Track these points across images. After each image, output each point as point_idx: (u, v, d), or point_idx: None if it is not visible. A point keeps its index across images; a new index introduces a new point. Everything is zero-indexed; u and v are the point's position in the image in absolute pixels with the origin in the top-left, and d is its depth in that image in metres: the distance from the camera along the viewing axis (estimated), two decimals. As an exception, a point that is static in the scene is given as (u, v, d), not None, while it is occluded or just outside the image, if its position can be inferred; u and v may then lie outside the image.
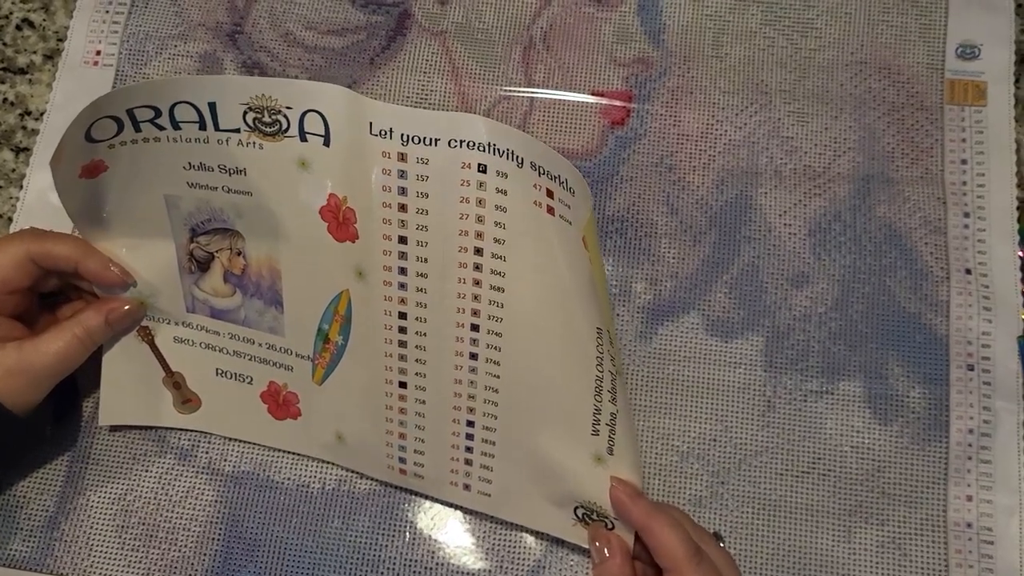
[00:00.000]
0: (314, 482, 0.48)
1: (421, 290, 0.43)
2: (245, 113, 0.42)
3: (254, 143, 0.43)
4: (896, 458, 0.47)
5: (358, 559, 0.47)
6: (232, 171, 0.44)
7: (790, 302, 0.50)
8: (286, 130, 0.42)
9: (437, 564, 0.47)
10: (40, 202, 0.53)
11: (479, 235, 0.41)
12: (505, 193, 0.40)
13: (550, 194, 0.40)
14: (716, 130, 0.53)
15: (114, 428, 0.50)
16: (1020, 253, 0.50)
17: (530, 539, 0.47)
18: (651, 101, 0.53)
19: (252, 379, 0.49)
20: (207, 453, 0.49)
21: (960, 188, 0.51)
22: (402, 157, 0.41)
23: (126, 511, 0.48)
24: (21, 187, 0.53)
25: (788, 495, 0.47)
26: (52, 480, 0.49)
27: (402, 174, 0.41)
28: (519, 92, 0.54)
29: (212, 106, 0.42)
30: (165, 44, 0.56)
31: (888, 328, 0.49)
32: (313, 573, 0.47)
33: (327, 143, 0.42)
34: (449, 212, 0.41)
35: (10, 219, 0.53)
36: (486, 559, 0.47)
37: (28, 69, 0.57)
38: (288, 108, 0.42)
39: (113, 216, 0.46)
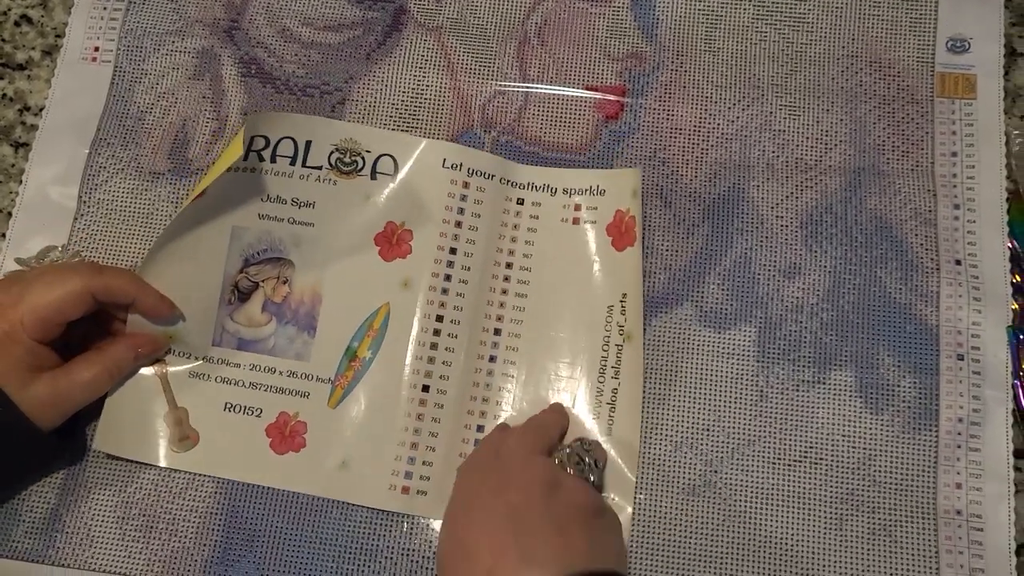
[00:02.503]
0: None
1: (460, 295, 0.50)
2: (331, 153, 0.51)
3: (331, 179, 0.51)
4: (887, 447, 0.48)
5: (356, 548, 0.48)
6: (303, 204, 0.50)
7: (782, 293, 0.50)
8: (360, 169, 0.51)
9: (435, 554, 0.47)
10: (39, 197, 0.54)
11: (511, 252, 0.51)
12: (537, 218, 0.51)
13: (577, 208, 0.51)
14: (709, 124, 0.53)
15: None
16: (1009, 244, 0.50)
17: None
18: (644, 95, 0.54)
19: (262, 411, 0.49)
20: (206, 445, 0.50)
21: (950, 180, 0.52)
22: (466, 185, 0.51)
23: (126, 503, 0.49)
24: (20, 182, 0.54)
25: (780, 483, 0.48)
26: (53, 473, 0.49)
27: (463, 198, 0.51)
28: (514, 87, 0.55)
29: (308, 144, 0.51)
30: (163, 40, 0.56)
31: (879, 318, 0.50)
32: (311, 563, 0.47)
33: (395, 180, 0.51)
34: (492, 231, 0.51)
35: (9, 213, 0.54)
36: (482, 548, 0.47)
37: (27, 65, 0.57)
38: (367, 151, 0.51)
39: (180, 240, 0.48)
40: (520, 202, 0.51)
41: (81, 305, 0.45)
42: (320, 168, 0.51)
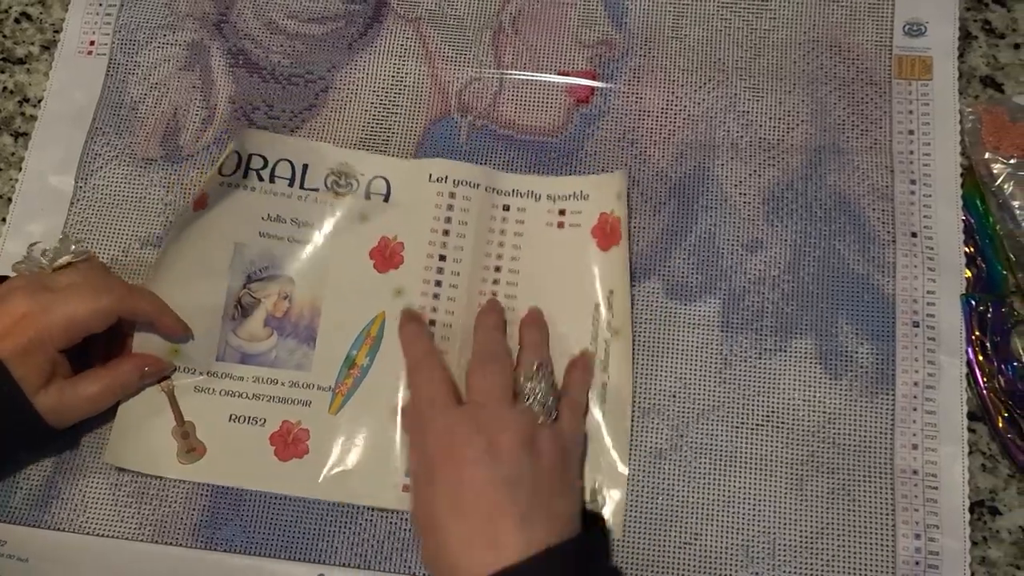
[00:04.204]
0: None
1: (451, 299, 0.52)
2: (327, 176, 0.54)
3: (327, 201, 0.53)
4: (846, 410, 0.50)
5: (338, 511, 0.50)
6: (302, 223, 0.53)
7: (745, 266, 0.52)
8: (355, 190, 0.54)
9: (411, 511, 0.49)
10: (37, 183, 0.56)
11: (499, 256, 0.53)
12: (523, 222, 0.53)
13: (562, 212, 0.53)
14: (675, 106, 0.56)
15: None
16: (963, 217, 0.52)
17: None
18: (614, 80, 0.56)
19: (265, 420, 0.51)
20: (195, 415, 0.52)
21: (907, 157, 0.54)
22: (452, 195, 0.53)
23: (119, 471, 0.51)
24: (20, 169, 0.57)
25: (744, 447, 0.50)
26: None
27: (450, 207, 0.53)
28: (489, 73, 0.57)
29: (305, 167, 0.54)
30: (155, 34, 0.59)
31: (838, 289, 0.52)
32: (294, 525, 0.49)
33: (387, 199, 0.54)
34: (480, 237, 0.53)
35: (9, 199, 0.56)
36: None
37: (26, 59, 0.60)
38: (361, 175, 0.54)
39: (185, 256, 0.51)
40: (506, 208, 0.53)
41: (107, 322, 0.48)
42: (317, 190, 0.53)
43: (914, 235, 0.52)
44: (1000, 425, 0.49)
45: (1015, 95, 0.55)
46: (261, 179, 0.53)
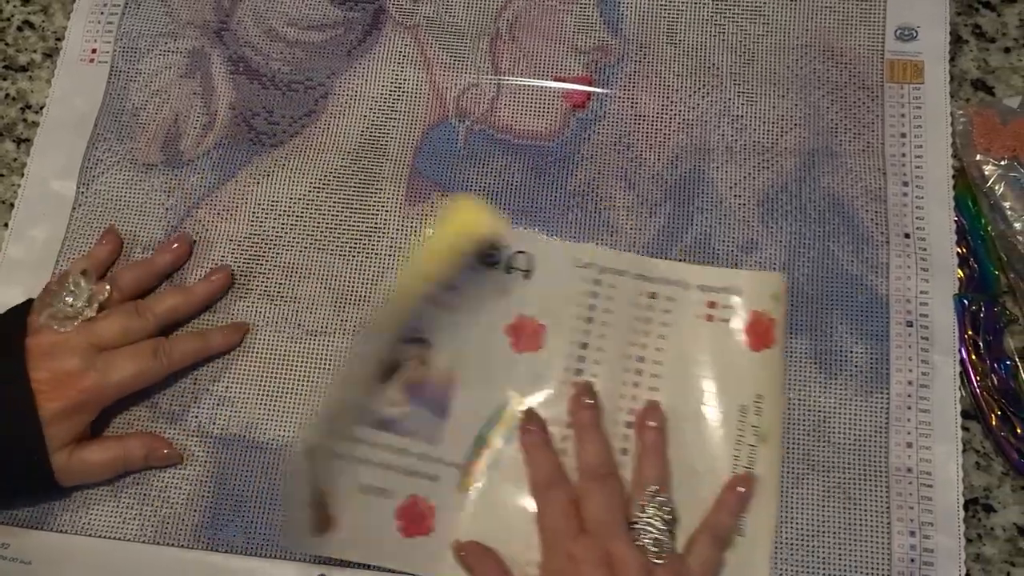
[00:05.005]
0: (296, 442, 0.52)
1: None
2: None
3: (473, 267, 0.52)
4: (840, 409, 0.50)
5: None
6: (448, 287, 0.51)
7: (740, 267, 0.53)
8: (496, 263, 0.52)
9: None
10: (39, 189, 0.57)
11: (644, 346, 0.51)
12: (670, 312, 0.51)
13: (711, 305, 0.51)
14: (671, 111, 0.56)
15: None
16: (955, 218, 0.53)
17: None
18: (610, 85, 0.57)
19: (393, 492, 0.49)
20: (196, 417, 0.52)
21: (899, 159, 0.54)
22: (597, 283, 0.52)
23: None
24: (22, 175, 0.57)
25: (740, 446, 0.50)
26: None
27: (595, 295, 0.52)
28: (487, 79, 0.58)
29: None
30: (156, 42, 0.60)
31: (832, 289, 0.52)
32: (295, 525, 0.50)
33: (528, 276, 0.52)
34: (625, 326, 0.51)
35: (12, 204, 0.57)
36: (458, 511, 0.50)
37: (28, 67, 0.61)
38: (505, 247, 0.52)
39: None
40: (653, 296, 0.52)
41: (157, 381, 0.51)
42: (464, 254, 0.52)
43: (907, 236, 0.53)
44: (993, 423, 0.50)
45: (1005, 98, 0.56)
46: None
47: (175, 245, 0.54)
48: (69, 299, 0.49)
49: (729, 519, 0.47)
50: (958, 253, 0.52)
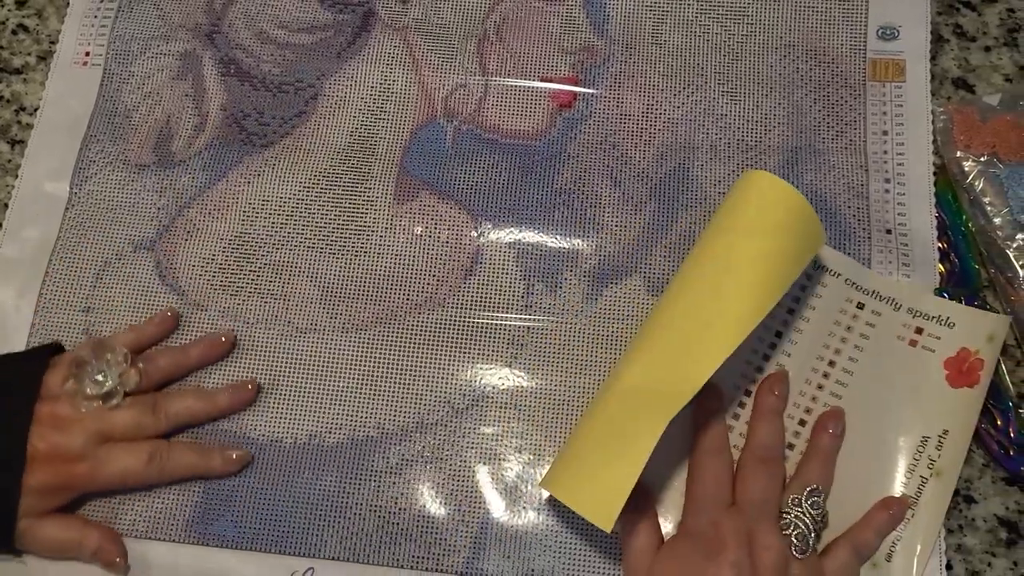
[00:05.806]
0: (286, 437, 0.52)
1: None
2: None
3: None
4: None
5: (327, 506, 0.51)
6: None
7: (725, 264, 0.54)
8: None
9: (400, 509, 0.50)
10: (33, 189, 0.58)
11: (837, 351, 0.50)
12: (873, 326, 0.51)
13: (919, 331, 0.50)
14: (656, 110, 0.57)
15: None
16: (936, 214, 0.54)
17: (487, 487, 0.51)
18: (596, 85, 0.58)
19: None
20: (187, 413, 0.53)
21: (881, 157, 0.55)
22: (809, 277, 0.51)
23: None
24: (16, 176, 0.58)
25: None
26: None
27: (803, 288, 0.51)
28: (475, 80, 0.59)
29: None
30: (148, 44, 0.61)
31: (815, 285, 0.53)
32: (285, 520, 0.50)
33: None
34: (823, 326, 0.51)
35: (5, 205, 0.58)
36: (446, 505, 0.50)
37: (23, 69, 0.61)
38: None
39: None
40: (860, 306, 0.51)
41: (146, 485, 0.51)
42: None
43: (889, 232, 0.53)
44: (974, 416, 0.50)
45: (985, 95, 0.56)
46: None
47: (213, 341, 0.53)
48: (99, 376, 0.48)
49: (873, 537, 0.47)
50: (939, 248, 0.53)
